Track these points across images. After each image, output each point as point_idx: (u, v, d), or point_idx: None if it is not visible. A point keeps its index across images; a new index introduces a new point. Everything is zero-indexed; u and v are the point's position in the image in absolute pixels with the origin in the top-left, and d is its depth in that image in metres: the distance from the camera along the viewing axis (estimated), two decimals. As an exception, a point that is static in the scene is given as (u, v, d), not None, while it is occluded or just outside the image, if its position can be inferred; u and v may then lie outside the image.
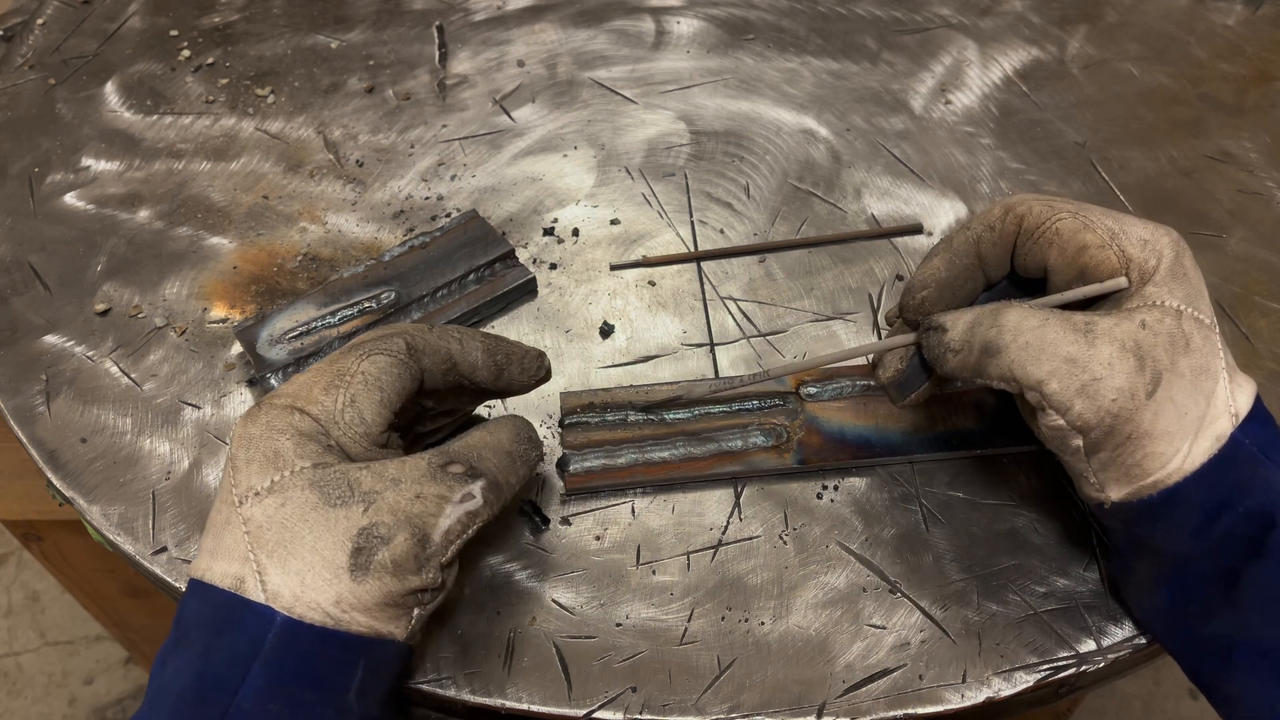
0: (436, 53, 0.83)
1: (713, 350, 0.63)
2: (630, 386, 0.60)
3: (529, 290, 0.66)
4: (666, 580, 0.53)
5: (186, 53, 0.83)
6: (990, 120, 0.78)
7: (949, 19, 0.86)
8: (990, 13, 0.87)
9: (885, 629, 0.51)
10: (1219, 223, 0.70)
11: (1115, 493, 0.46)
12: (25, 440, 0.60)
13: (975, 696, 0.49)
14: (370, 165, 0.75)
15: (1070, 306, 0.48)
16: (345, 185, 0.73)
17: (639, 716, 0.49)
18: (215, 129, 0.77)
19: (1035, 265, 0.50)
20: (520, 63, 0.83)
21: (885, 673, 0.50)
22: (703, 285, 0.67)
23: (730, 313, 0.65)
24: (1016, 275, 0.52)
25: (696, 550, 0.55)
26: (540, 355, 0.52)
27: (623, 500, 0.57)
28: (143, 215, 0.72)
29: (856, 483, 0.57)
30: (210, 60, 0.83)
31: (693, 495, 0.57)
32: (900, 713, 0.49)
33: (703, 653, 0.51)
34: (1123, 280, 0.47)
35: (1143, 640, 0.51)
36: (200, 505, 0.57)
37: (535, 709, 0.49)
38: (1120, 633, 0.51)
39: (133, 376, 0.62)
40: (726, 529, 0.55)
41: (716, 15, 0.87)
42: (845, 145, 0.76)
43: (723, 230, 0.70)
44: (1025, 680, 0.50)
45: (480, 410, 0.59)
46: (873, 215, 0.71)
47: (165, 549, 0.55)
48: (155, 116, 0.79)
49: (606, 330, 0.64)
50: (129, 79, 0.81)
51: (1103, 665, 0.51)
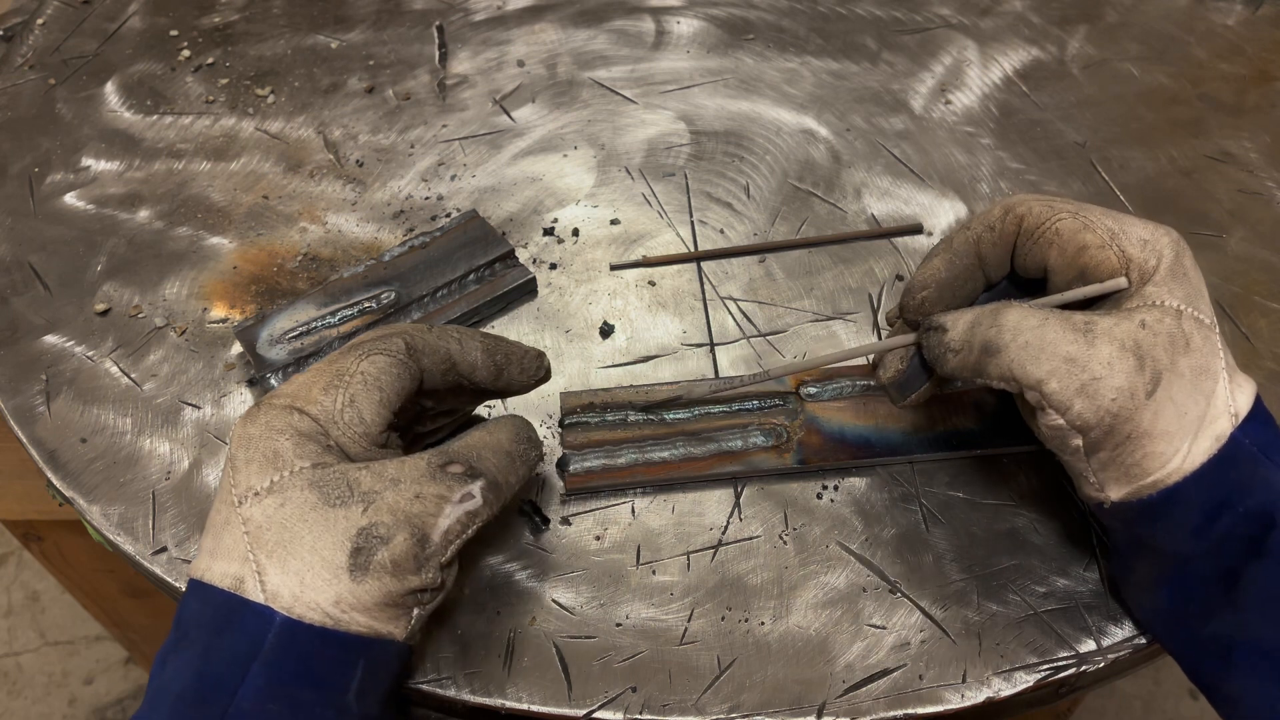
0: (436, 53, 0.83)
1: (713, 350, 0.63)
2: (630, 386, 0.60)
3: (529, 290, 0.66)
4: (666, 580, 0.53)
5: (186, 53, 0.83)
6: (990, 120, 0.78)
7: (949, 19, 0.86)
8: (990, 13, 0.87)
9: (885, 629, 0.51)
10: (1219, 223, 0.70)
11: (1115, 492, 0.46)
12: (25, 440, 0.60)
13: (975, 696, 0.49)
14: (370, 165, 0.75)
15: (1070, 306, 0.48)
16: (345, 185, 0.73)
17: (639, 716, 0.49)
18: (215, 129, 0.77)
19: (1035, 265, 0.50)
20: (520, 63, 0.83)
21: (885, 673, 0.50)
22: (703, 285, 0.67)
23: (730, 313, 0.65)
24: (1016, 275, 0.52)
25: (696, 550, 0.55)
26: (540, 355, 0.52)
27: (623, 500, 0.56)
28: (143, 215, 0.72)
29: (856, 483, 0.57)
30: (210, 60, 0.83)
31: (693, 495, 0.57)
32: (900, 713, 0.49)
33: (703, 653, 0.51)
34: (1123, 280, 0.47)
35: (1143, 640, 0.51)
36: (200, 505, 0.57)
37: (535, 709, 0.49)
38: (1120, 633, 0.51)
39: (133, 376, 0.62)
40: (726, 529, 0.55)
41: (716, 15, 0.87)
42: (845, 145, 0.76)
43: (723, 230, 0.70)
44: (1025, 680, 0.50)
45: (480, 410, 0.59)
46: (873, 215, 0.71)
47: (165, 549, 0.55)
48: (155, 116, 0.79)
49: (606, 330, 0.64)
50: (129, 79, 0.81)
51: (1103, 665, 0.51)
